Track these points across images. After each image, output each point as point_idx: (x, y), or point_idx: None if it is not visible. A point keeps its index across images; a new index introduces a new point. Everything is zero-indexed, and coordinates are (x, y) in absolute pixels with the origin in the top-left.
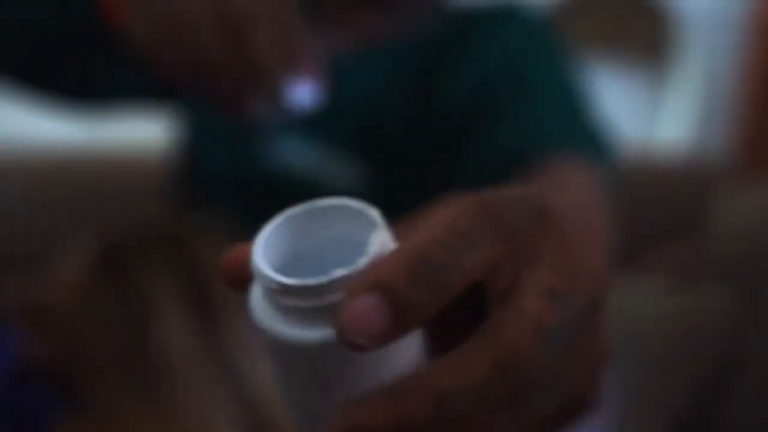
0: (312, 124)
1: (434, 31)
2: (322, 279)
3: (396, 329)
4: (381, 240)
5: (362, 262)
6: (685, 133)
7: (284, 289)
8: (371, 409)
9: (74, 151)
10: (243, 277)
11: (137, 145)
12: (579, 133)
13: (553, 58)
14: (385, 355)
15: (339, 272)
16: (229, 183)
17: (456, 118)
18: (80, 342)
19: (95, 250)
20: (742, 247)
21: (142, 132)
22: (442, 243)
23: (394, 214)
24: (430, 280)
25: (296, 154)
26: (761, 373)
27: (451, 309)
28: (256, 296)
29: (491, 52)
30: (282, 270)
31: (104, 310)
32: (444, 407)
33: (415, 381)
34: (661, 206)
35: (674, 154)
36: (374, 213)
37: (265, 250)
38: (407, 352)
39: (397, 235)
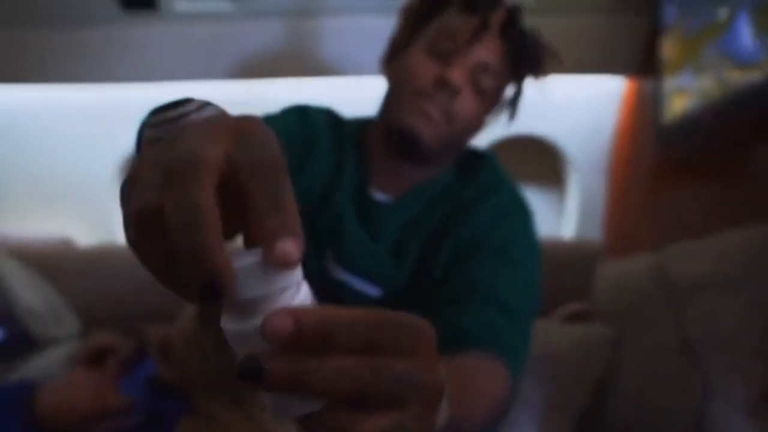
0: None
1: (448, 180)
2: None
3: (291, 342)
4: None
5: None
6: (576, 229)
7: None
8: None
9: None
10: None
11: None
12: (511, 343)
13: (522, 226)
14: None
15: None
16: None
17: (446, 271)
18: (190, 368)
19: (196, 308)
20: (611, 301)
21: None
22: (343, 319)
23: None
24: (318, 333)
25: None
26: (625, 379)
27: None
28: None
29: (485, 213)
30: None
31: (204, 348)
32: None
33: None
34: (563, 276)
35: (571, 243)
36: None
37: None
38: None
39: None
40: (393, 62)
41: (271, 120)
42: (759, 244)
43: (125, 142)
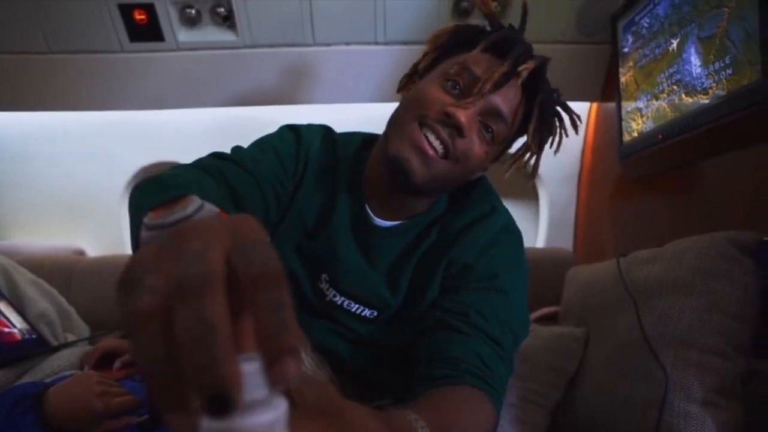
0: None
1: (442, 207)
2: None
3: None
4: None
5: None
6: (546, 238)
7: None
8: None
9: None
10: None
11: None
12: (497, 376)
13: (512, 254)
14: None
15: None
16: None
17: (436, 299)
18: None
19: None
20: (579, 302)
21: None
22: None
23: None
24: None
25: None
26: (592, 374)
27: None
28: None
29: (475, 242)
30: None
31: None
32: None
33: None
34: (537, 281)
35: (543, 251)
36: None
37: None
38: None
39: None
40: (408, 89)
41: (266, 140)
42: (706, 251)
43: (132, 160)
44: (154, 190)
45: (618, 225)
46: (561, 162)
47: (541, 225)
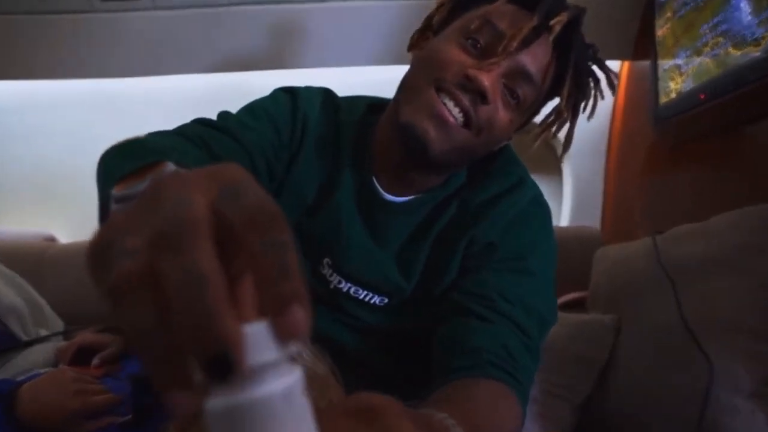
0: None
1: (460, 179)
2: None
3: None
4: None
5: None
6: (571, 214)
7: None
8: None
9: None
10: None
11: None
12: (523, 369)
13: (540, 232)
14: None
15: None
16: None
17: (451, 283)
18: None
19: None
20: (610, 285)
21: None
22: None
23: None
24: None
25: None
26: (625, 364)
27: None
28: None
29: (500, 218)
30: None
31: None
32: None
33: None
34: (560, 263)
35: (568, 230)
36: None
37: None
38: None
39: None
40: (420, 47)
41: (258, 104)
42: (755, 224)
43: (106, 134)
44: (124, 157)
45: (652, 199)
46: (587, 130)
47: (564, 201)
